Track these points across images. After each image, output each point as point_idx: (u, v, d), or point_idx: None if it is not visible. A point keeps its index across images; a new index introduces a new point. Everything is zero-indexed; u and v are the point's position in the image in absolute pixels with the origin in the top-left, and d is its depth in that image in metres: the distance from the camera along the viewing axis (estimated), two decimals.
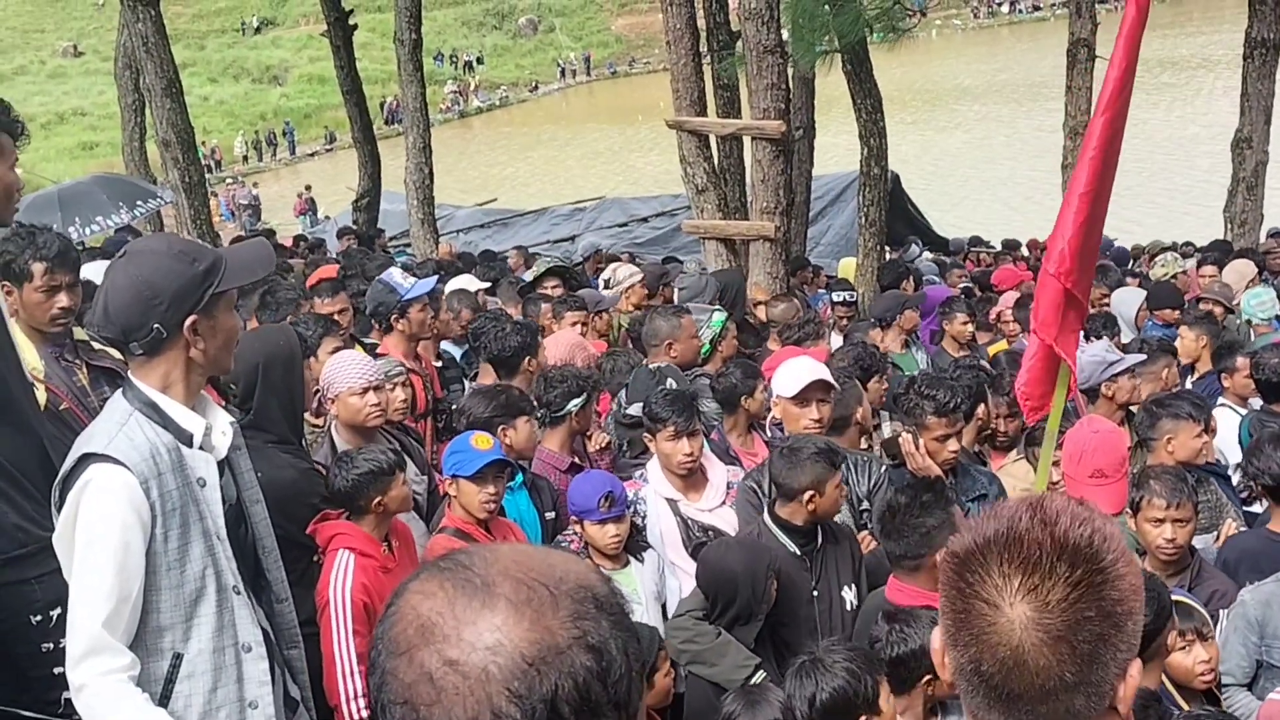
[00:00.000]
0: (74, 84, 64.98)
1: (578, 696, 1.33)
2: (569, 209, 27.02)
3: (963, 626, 1.67)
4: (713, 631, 4.65)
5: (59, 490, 3.21)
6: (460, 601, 1.36)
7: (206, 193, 17.14)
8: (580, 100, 70.89)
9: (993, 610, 1.63)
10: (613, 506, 5.01)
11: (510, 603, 1.35)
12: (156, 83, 14.89)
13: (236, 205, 39.25)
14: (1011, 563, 1.64)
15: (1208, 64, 49.93)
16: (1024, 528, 1.65)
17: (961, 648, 1.67)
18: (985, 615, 1.63)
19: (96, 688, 3.06)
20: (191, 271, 3.21)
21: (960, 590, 1.67)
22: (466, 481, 4.81)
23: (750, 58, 11.29)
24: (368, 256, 14.15)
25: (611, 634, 1.38)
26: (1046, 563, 1.62)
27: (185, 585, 3.23)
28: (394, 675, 1.35)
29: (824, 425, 5.38)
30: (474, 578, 1.38)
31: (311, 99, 63.86)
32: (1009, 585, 1.63)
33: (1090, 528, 1.66)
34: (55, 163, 42.56)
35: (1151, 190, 29.62)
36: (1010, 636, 1.61)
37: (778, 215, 11.25)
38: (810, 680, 3.68)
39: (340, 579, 4.40)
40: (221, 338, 3.30)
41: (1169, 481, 4.72)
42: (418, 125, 18.92)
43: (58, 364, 4.58)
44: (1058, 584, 1.61)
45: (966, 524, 1.75)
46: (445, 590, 1.37)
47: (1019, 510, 1.69)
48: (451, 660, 1.32)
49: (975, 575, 1.66)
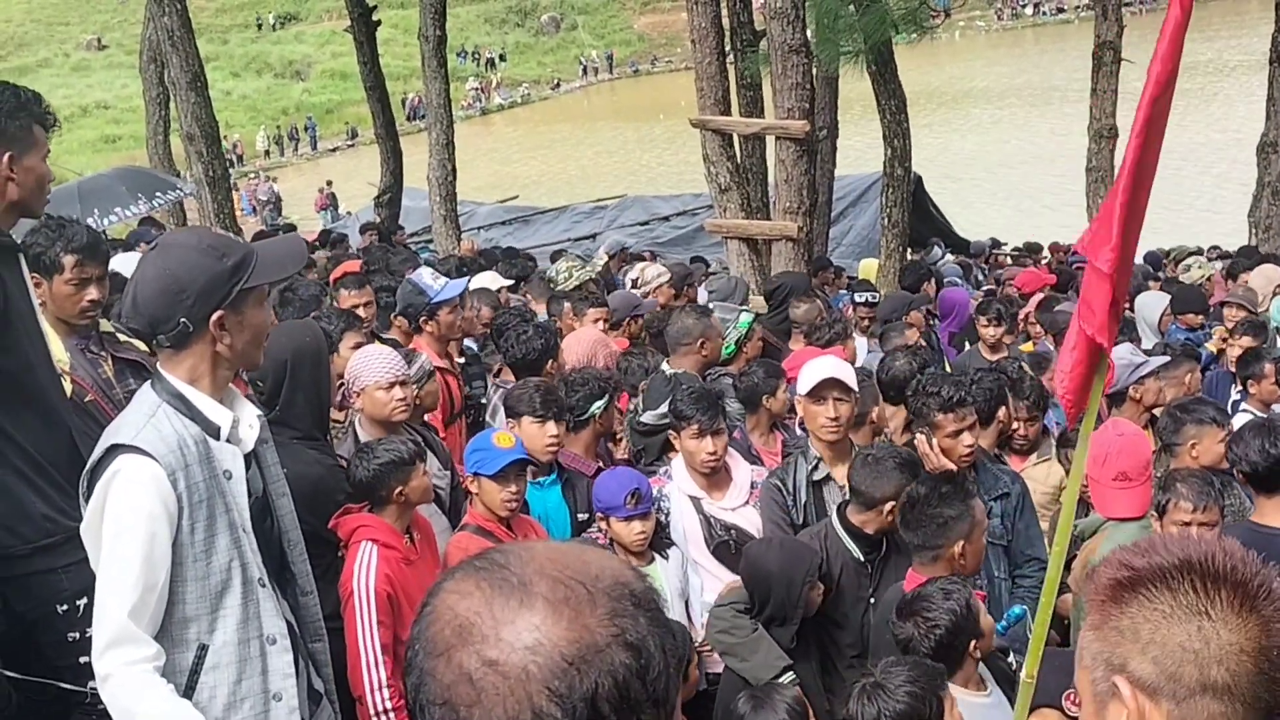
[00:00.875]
0: (97, 77, 65.25)
1: (617, 695, 1.33)
2: (590, 207, 27.04)
3: (1106, 643, 1.62)
4: (749, 626, 4.64)
5: (86, 480, 3.22)
6: (498, 601, 1.35)
7: (230, 187, 17.20)
8: (602, 98, 70.92)
9: (1148, 626, 1.58)
10: (639, 503, 5.01)
11: (548, 602, 1.35)
12: (181, 76, 14.98)
13: (257, 200, 39.36)
14: (1180, 588, 1.58)
15: (1226, 69, 49.79)
16: (1184, 554, 1.61)
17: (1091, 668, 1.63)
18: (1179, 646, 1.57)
19: (121, 678, 3.07)
20: (219, 267, 3.21)
21: (1109, 618, 1.62)
22: (488, 480, 4.80)
23: (775, 57, 11.29)
24: (391, 252, 14.17)
25: (649, 631, 1.38)
26: (1214, 583, 1.57)
27: (211, 577, 3.24)
28: (432, 676, 1.35)
29: (841, 424, 5.35)
30: (511, 577, 1.38)
31: (334, 94, 64.04)
32: (1178, 605, 1.57)
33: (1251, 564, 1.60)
34: (78, 155, 42.78)
35: (1169, 195, 29.51)
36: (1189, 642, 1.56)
37: (801, 215, 11.25)
38: (873, 705, 3.61)
39: (364, 570, 4.39)
40: (249, 333, 3.30)
41: (1196, 485, 4.70)
42: (441, 122, 18.94)
43: (83, 356, 4.60)
44: (1230, 614, 1.55)
45: (1118, 557, 1.67)
46: (482, 590, 1.37)
47: (1177, 545, 1.64)
48: (491, 660, 1.32)
49: (1129, 607, 1.61)
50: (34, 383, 3.81)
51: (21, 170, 3.78)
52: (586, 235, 23.36)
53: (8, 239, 3.85)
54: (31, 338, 3.85)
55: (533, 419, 5.40)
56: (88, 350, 4.64)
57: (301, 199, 40.57)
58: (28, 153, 3.80)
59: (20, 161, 3.77)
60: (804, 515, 5.27)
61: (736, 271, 11.90)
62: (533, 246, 20.66)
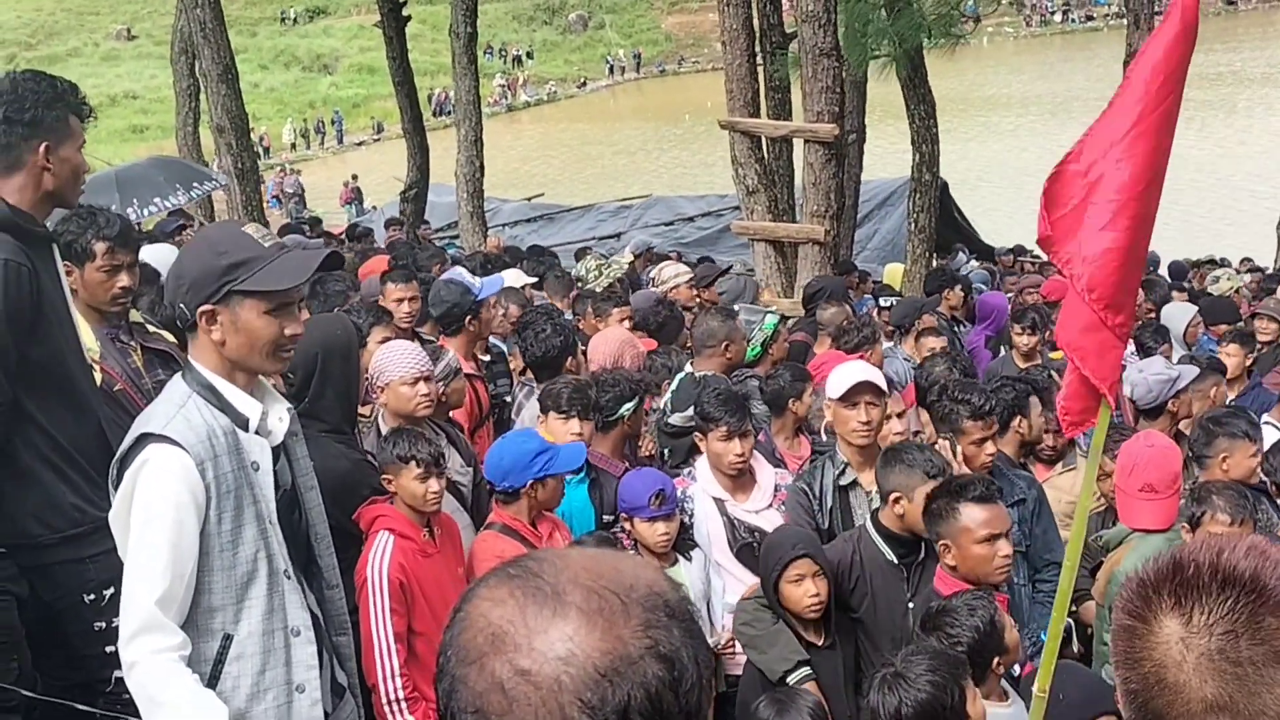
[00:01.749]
0: (126, 67, 65.57)
1: (650, 707, 1.32)
2: (615, 206, 27.03)
3: (1120, 648, 1.64)
4: (770, 619, 4.62)
5: (116, 469, 3.24)
6: (531, 610, 1.35)
7: (259, 179, 17.26)
8: (628, 98, 70.92)
9: (1143, 626, 1.60)
10: (663, 504, 5.01)
11: (582, 612, 1.34)
12: (213, 68, 15.04)
13: (283, 192, 39.46)
14: (1168, 584, 1.60)
15: (1254, 79, 49.57)
16: (1191, 555, 1.62)
17: (1120, 669, 1.64)
18: (1136, 632, 1.61)
19: (147, 665, 3.08)
20: (214, 263, 3.23)
21: (1125, 611, 1.65)
22: (554, 479, 4.82)
23: (805, 60, 11.29)
24: (418, 248, 14.19)
25: (683, 642, 1.37)
26: (1203, 586, 1.58)
27: (237, 567, 3.25)
28: (464, 683, 1.34)
29: (873, 428, 5.34)
30: (544, 585, 1.37)
31: (360, 89, 64.21)
32: (1162, 604, 1.59)
33: (1261, 560, 1.59)
34: (106, 144, 42.88)
35: (1195, 206, 29.39)
36: (1154, 652, 1.58)
37: (828, 219, 11.25)
38: (893, 695, 3.57)
39: (378, 559, 4.41)
40: (244, 337, 3.25)
41: (1233, 498, 4.67)
42: (470, 118, 18.98)
43: (113, 346, 4.62)
44: (1211, 607, 1.56)
45: (1146, 567, 1.70)
46: (515, 598, 1.36)
47: (1198, 542, 1.66)
48: (524, 670, 1.31)
49: (1139, 599, 1.63)
50: (65, 372, 3.83)
51: (57, 161, 3.80)
52: (611, 234, 23.34)
53: (42, 229, 3.87)
54: (63, 327, 3.87)
55: (558, 415, 5.41)
56: (117, 340, 4.66)
57: (326, 192, 40.65)
58: (63, 143, 3.82)
59: (56, 152, 3.79)
60: (830, 520, 5.25)
61: (762, 274, 11.90)
62: (558, 244, 20.67)
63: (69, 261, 4.51)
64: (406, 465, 4.51)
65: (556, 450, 4.81)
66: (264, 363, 3.32)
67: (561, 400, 5.45)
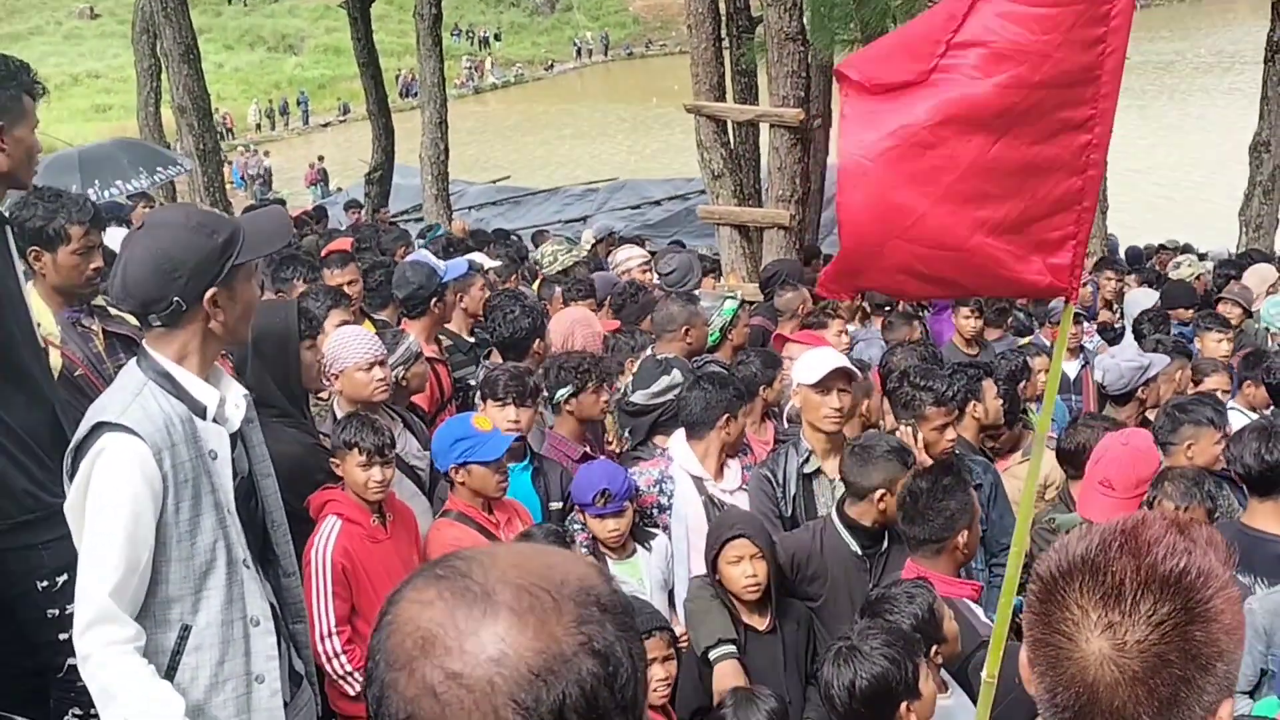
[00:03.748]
0: (89, 46, 64.93)
1: (585, 704, 1.29)
2: (581, 189, 27.03)
3: (1041, 653, 1.61)
4: (708, 597, 4.62)
5: (71, 458, 3.19)
6: (460, 611, 1.31)
7: (221, 160, 17.13)
8: (596, 80, 70.78)
9: (1069, 643, 1.57)
10: (609, 502, 4.98)
11: (513, 611, 1.31)
12: (174, 48, 14.92)
13: (248, 174, 39.21)
14: (1093, 594, 1.57)
15: (1215, 66, 49.85)
16: (1111, 555, 1.58)
17: (1039, 674, 1.62)
18: (1062, 647, 1.58)
19: (101, 657, 3.04)
20: (210, 244, 3.18)
21: (1040, 616, 1.62)
22: (482, 467, 4.77)
23: (771, 44, 11.27)
24: (381, 230, 14.12)
25: (617, 637, 1.34)
26: (1130, 597, 1.55)
27: (195, 557, 3.21)
28: (394, 689, 1.31)
29: (844, 414, 5.34)
30: (473, 585, 1.33)
31: (326, 69, 63.80)
32: (1087, 619, 1.56)
33: (1185, 560, 1.57)
34: (68, 124, 42.48)
35: (1154, 192, 29.60)
36: (1085, 673, 1.56)
37: (793, 203, 11.24)
38: (849, 668, 3.57)
39: (323, 542, 4.44)
40: (240, 309, 3.28)
41: (1183, 484, 4.69)
42: (434, 100, 18.91)
43: (74, 330, 4.58)
44: (1139, 622, 1.54)
45: (1057, 544, 1.67)
46: (444, 599, 1.33)
47: (1111, 534, 1.62)
48: (454, 673, 1.28)
49: (1055, 602, 1.60)
50: (17, 357, 3.78)
51: (11, 141, 3.74)
52: (578, 217, 23.33)
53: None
54: (15, 311, 3.81)
55: (495, 402, 5.37)
56: (79, 324, 4.62)
57: (292, 174, 40.40)
58: (17, 124, 3.76)
59: (10, 132, 3.73)
60: (793, 508, 5.25)
61: (727, 259, 11.89)
62: (523, 227, 20.64)
63: (38, 246, 4.47)
64: (350, 452, 4.51)
65: (481, 439, 4.77)
66: (246, 331, 3.38)
67: (497, 387, 5.41)
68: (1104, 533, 1.63)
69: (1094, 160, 3.04)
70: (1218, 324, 8.54)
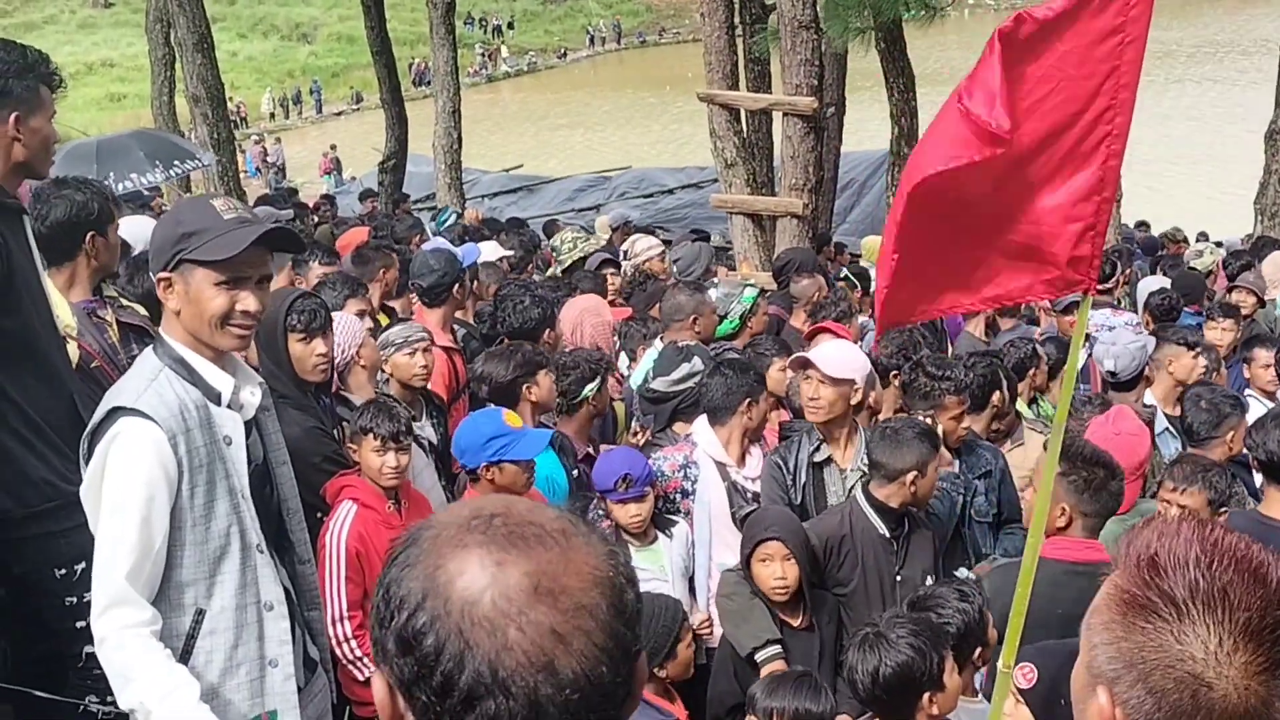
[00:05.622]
0: (103, 35, 64.98)
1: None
2: (595, 177, 26.99)
3: (1129, 649, 1.57)
4: (748, 594, 4.65)
5: (87, 443, 3.23)
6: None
7: (235, 149, 17.16)
8: (609, 68, 70.63)
9: (1194, 680, 1.51)
10: (630, 487, 5.00)
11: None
12: (188, 37, 14.94)
13: (263, 162, 39.23)
14: (1227, 626, 1.51)
15: (1234, 53, 49.58)
16: (1232, 580, 1.54)
17: (1134, 668, 1.56)
18: (1186, 684, 1.52)
19: (118, 640, 3.08)
20: (172, 232, 3.25)
21: (1141, 629, 1.56)
22: (512, 465, 4.68)
23: (784, 33, 11.26)
24: (396, 219, 14.14)
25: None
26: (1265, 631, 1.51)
27: (210, 542, 3.25)
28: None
29: (820, 406, 5.28)
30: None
31: (340, 58, 63.78)
32: (1228, 659, 1.51)
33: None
34: (83, 113, 42.55)
35: (1175, 180, 29.48)
36: (1188, 664, 1.52)
37: (806, 192, 11.24)
38: (874, 654, 3.59)
39: (338, 527, 4.48)
40: (194, 307, 3.24)
41: (1185, 469, 4.71)
42: (448, 89, 18.92)
43: (90, 321, 4.61)
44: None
45: (1169, 559, 1.58)
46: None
47: (1220, 551, 1.57)
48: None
49: (1169, 622, 1.54)
50: (36, 344, 3.81)
51: (27, 131, 3.77)
52: (590, 206, 23.32)
53: (13, 201, 3.84)
54: (34, 300, 3.84)
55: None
56: (94, 315, 4.65)
57: (305, 162, 40.43)
58: (34, 114, 3.79)
59: (26, 123, 3.76)
60: (802, 496, 5.27)
61: (740, 247, 11.89)
62: (536, 216, 20.63)
63: (94, 230, 4.56)
64: (366, 437, 4.56)
65: (516, 436, 4.68)
66: (214, 336, 3.27)
67: (541, 356, 5.55)
68: (1212, 549, 1.57)
69: (1114, 151, 3.04)
70: (1223, 313, 8.54)
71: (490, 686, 1.29)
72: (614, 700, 1.35)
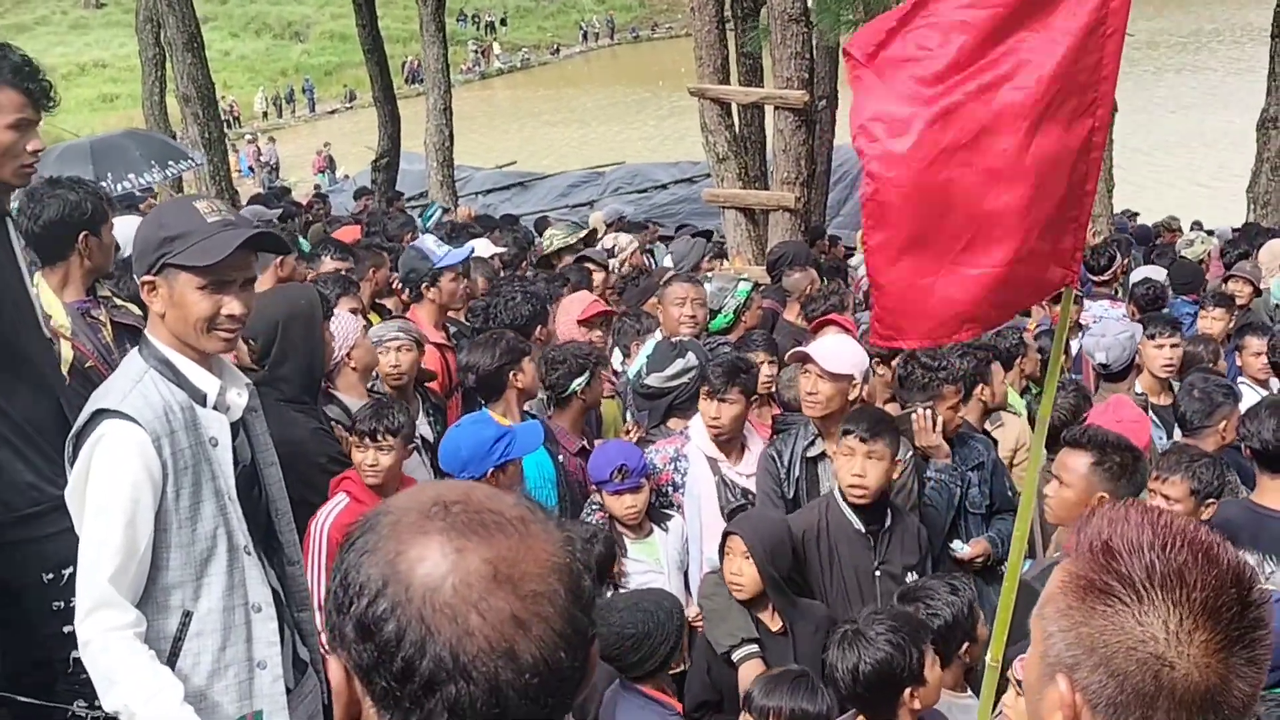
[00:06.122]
0: (95, 35, 64.83)
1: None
2: (588, 173, 26.97)
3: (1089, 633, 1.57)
4: (725, 595, 4.64)
5: (72, 445, 3.22)
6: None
7: (226, 149, 17.12)
8: (602, 64, 70.58)
9: (1156, 661, 1.52)
10: (625, 478, 5.01)
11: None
12: (178, 37, 14.90)
13: (256, 161, 39.16)
14: (1185, 606, 1.53)
15: (1226, 42, 49.58)
16: (1187, 561, 1.55)
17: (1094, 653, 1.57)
18: (1148, 665, 1.53)
19: (102, 643, 3.07)
20: (155, 235, 3.23)
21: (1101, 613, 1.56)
22: (513, 463, 4.68)
23: (774, 26, 11.24)
24: (388, 217, 14.12)
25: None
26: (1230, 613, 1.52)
27: (196, 544, 3.24)
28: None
29: (818, 401, 5.27)
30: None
31: (333, 56, 63.68)
32: (1188, 638, 1.52)
33: (1240, 554, 1.57)
34: (75, 114, 42.43)
35: (1168, 170, 29.48)
36: (1147, 646, 1.53)
37: (798, 186, 11.22)
38: (852, 652, 3.59)
39: (324, 516, 4.51)
40: (179, 311, 3.23)
41: (1171, 459, 4.70)
42: (438, 86, 18.90)
43: (84, 321, 4.59)
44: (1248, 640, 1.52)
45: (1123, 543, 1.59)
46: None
47: (1173, 534, 1.58)
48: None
49: (1129, 605, 1.55)
50: (21, 348, 3.78)
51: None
52: (584, 202, 23.29)
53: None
54: (18, 303, 3.81)
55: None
56: (88, 315, 4.64)
57: (299, 161, 40.35)
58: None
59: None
60: (795, 490, 5.25)
61: (733, 242, 11.89)
62: (530, 212, 20.61)
63: (88, 230, 4.56)
64: (350, 433, 4.61)
65: (513, 433, 4.67)
66: (199, 339, 3.26)
67: (524, 343, 5.57)
68: (1163, 532, 1.58)
69: (1096, 143, 3.04)
70: (1215, 302, 8.56)
71: (451, 672, 1.30)
72: (571, 684, 1.37)
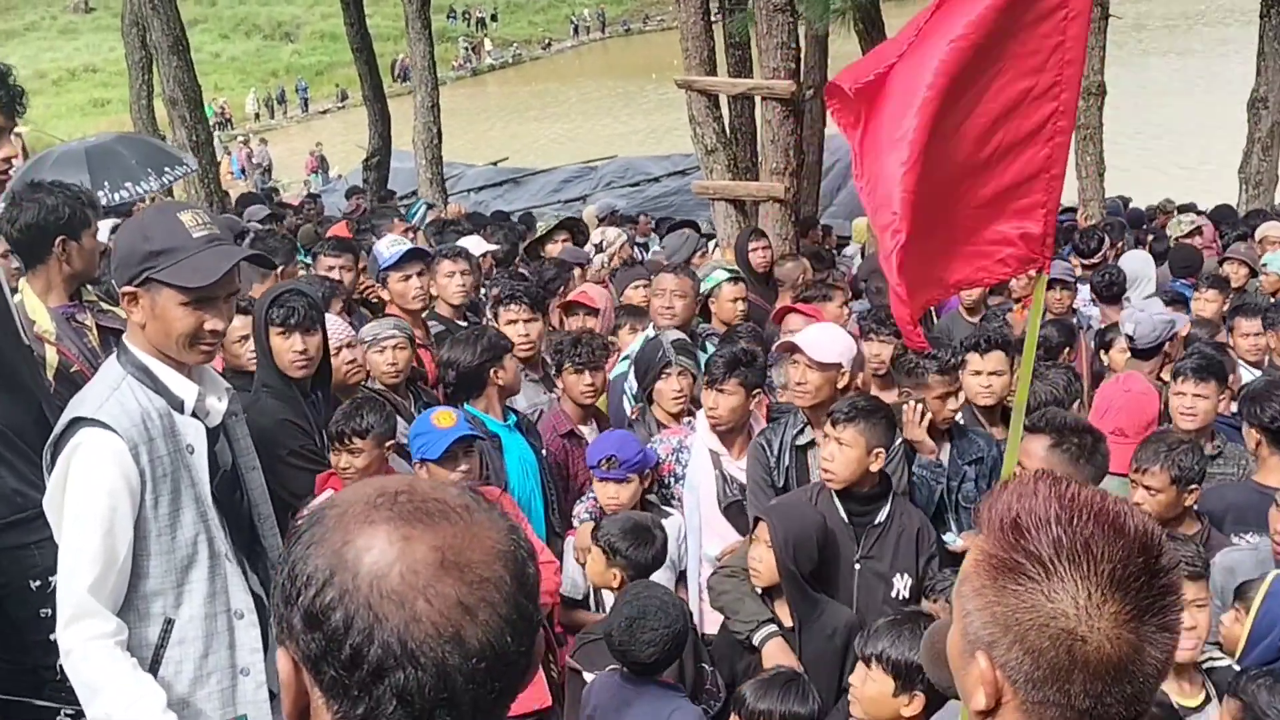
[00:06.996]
0: (85, 40, 64.76)
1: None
2: (580, 167, 26.95)
3: (1008, 606, 1.59)
4: (737, 584, 4.65)
5: (50, 453, 3.22)
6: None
7: (214, 151, 17.09)
8: (594, 57, 70.50)
9: (1068, 636, 1.55)
10: (613, 469, 5.03)
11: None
12: (162, 40, 14.88)
13: (249, 163, 39.11)
14: (1093, 579, 1.55)
15: (1213, 22, 49.58)
16: (1093, 533, 1.56)
17: (1013, 628, 1.59)
18: (1061, 641, 1.55)
19: (84, 652, 3.08)
20: (139, 248, 3.22)
21: (1012, 591, 1.58)
22: (435, 465, 4.60)
23: (760, 16, 11.16)
24: (378, 215, 14.08)
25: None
26: (1138, 581, 1.55)
27: (176, 551, 3.24)
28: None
29: (807, 390, 5.26)
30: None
31: (323, 56, 63.60)
32: (1097, 611, 1.54)
33: (1149, 522, 1.59)
34: (66, 119, 42.48)
35: (1158, 151, 29.47)
36: (1060, 620, 1.55)
37: (787, 176, 11.15)
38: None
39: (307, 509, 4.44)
40: (161, 325, 3.22)
41: (1150, 449, 4.66)
42: (426, 84, 18.84)
43: (69, 326, 4.59)
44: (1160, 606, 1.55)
45: (1032, 517, 1.60)
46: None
47: (1078, 506, 1.59)
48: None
49: (1039, 581, 1.57)
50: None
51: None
52: (577, 197, 23.29)
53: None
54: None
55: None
56: (73, 320, 4.64)
57: (292, 161, 40.30)
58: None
59: None
60: (785, 478, 5.24)
61: (724, 234, 11.85)
62: (523, 209, 20.59)
63: (66, 234, 4.56)
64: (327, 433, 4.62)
65: (431, 435, 4.64)
66: (181, 353, 3.27)
67: (506, 340, 5.60)
68: (1070, 504, 1.60)
69: (1060, 127, 3.04)
70: (1208, 284, 8.55)
71: (399, 658, 1.31)
72: (517, 669, 1.39)
